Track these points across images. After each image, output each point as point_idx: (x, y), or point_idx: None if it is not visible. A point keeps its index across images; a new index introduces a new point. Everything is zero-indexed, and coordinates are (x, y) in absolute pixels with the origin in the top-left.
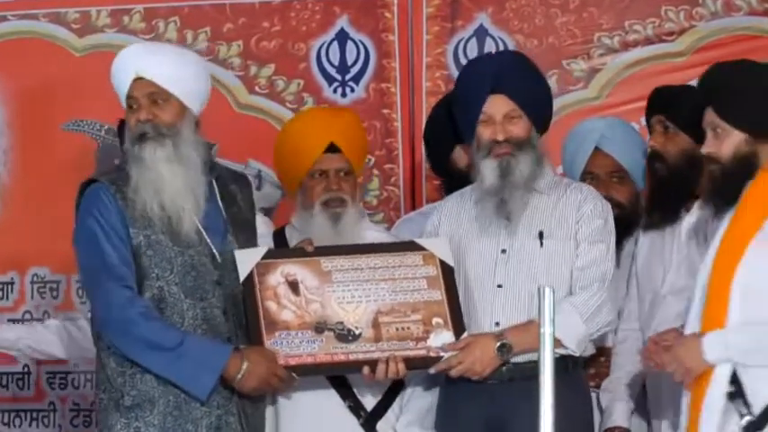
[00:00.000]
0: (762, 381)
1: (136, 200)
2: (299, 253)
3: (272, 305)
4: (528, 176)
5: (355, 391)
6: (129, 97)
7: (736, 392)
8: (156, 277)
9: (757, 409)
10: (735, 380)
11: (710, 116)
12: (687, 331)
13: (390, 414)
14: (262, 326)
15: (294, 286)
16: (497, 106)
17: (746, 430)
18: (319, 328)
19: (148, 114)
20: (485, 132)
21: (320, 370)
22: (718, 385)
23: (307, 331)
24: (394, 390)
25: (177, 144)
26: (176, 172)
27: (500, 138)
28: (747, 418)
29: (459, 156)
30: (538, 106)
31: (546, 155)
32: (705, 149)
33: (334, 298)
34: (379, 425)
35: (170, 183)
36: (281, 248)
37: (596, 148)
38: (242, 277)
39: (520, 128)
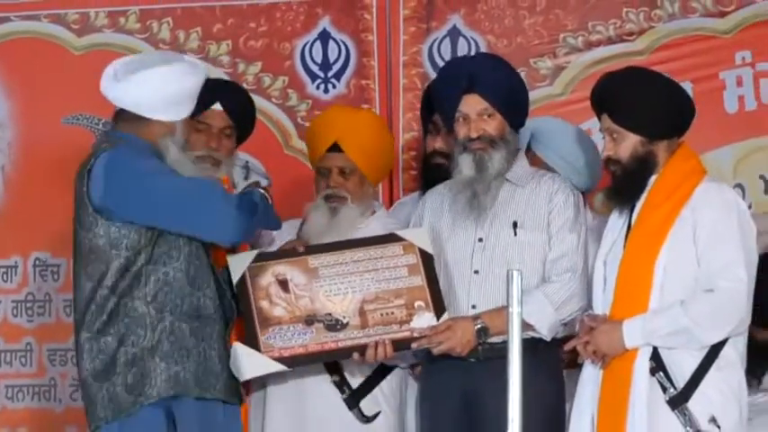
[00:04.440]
0: (682, 356)
1: None
2: (288, 253)
3: (264, 304)
4: (500, 171)
5: (343, 368)
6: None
7: (657, 367)
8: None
9: (680, 382)
10: (654, 355)
11: (607, 122)
12: (596, 311)
13: (378, 393)
14: (256, 324)
15: (284, 284)
16: (471, 105)
17: (672, 403)
18: (309, 320)
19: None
20: (461, 130)
21: (313, 359)
22: (642, 363)
23: (298, 324)
24: (380, 371)
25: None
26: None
27: (473, 135)
28: (671, 391)
29: (429, 141)
30: (511, 105)
31: (521, 149)
32: (606, 153)
33: (321, 292)
34: (363, 403)
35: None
36: (269, 251)
37: (528, 148)
38: (235, 280)
39: (493, 126)
